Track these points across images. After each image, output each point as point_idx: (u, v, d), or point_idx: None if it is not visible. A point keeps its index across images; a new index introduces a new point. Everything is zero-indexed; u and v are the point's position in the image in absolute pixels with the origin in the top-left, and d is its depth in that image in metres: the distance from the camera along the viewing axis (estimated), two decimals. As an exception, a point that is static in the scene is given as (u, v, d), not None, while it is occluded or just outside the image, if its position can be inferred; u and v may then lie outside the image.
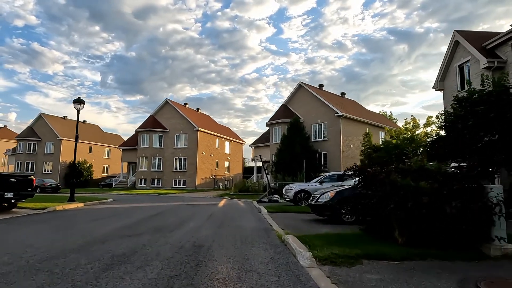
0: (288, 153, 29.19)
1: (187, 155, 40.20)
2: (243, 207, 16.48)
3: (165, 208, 14.45)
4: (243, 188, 29.68)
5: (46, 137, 49.61)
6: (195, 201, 20.79)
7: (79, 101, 16.04)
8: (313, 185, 16.67)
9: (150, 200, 20.54)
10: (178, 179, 40.24)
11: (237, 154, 50.75)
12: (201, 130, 40.39)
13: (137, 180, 41.01)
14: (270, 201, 19.72)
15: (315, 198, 10.42)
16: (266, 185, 33.98)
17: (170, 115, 41.95)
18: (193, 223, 9.25)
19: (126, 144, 45.49)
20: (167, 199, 22.37)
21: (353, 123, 31.45)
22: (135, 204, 17.00)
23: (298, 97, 34.27)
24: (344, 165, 29.86)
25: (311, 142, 30.70)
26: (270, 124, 34.62)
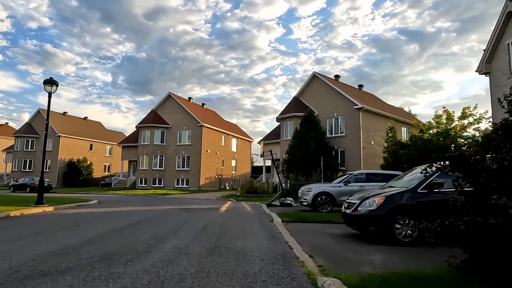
0: (301, 150, 26.04)
1: (190, 152, 37.29)
2: (250, 213, 13.38)
3: (151, 214, 11.44)
4: (251, 189, 26.60)
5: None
6: (194, 204, 17.78)
7: (51, 82, 13.11)
8: (336, 186, 13.52)
9: (142, 203, 17.59)
10: (180, 179, 37.35)
11: (244, 153, 47.71)
12: (206, 126, 37.45)
13: (138, 179, 38.25)
14: (282, 204, 16.61)
15: (351, 205, 7.28)
16: (276, 186, 30.83)
17: (172, 110, 39.10)
18: (173, 243, 6.19)
19: (126, 141, 42.80)
20: (162, 201, 19.42)
21: (373, 117, 28.15)
22: (119, 208, 14.04)
23: (312, 89, 31.07)
24: (364, 163, 26.61)
25: (326, 138, 27.47)
26: (281, 119, 31.48)
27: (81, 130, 50.92)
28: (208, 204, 18.01)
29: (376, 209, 6.58)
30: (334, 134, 28.29)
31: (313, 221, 9.81)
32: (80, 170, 46.00)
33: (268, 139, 34.77)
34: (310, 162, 25.38)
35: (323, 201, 13.28)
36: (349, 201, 7.55)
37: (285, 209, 14.97)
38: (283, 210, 14.16)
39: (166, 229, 7.90)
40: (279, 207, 15.85)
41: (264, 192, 26.76)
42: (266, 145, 35.10)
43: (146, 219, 10.06)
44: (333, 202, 13.29)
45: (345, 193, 13.34)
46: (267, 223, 9.80)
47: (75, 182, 45.22)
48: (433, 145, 20.73)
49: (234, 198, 23.14)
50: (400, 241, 6.39)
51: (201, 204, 17.88)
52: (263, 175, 34.88)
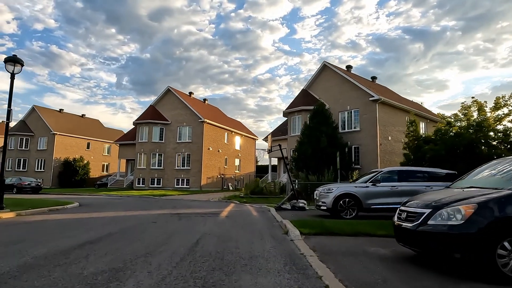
0: (312, 146, 23.55)
1: (191, 150, 34.91)
2: (257, 219, 10.92)
3: (131, 223, 9.04)
4: (256, 190, 24.16)
5: (39, 132, 45.13)
6: (191, 207, 15.37)
7: (14, 60, 10.70)
8: (361, 187, 11.04)
9: (130, 206, 15.19)
10: (180, 179, 34.98)
11: (249, 151, 45.27)
12: (207, 122, 35.05)
13: (135, 179, 35.94)
14: (294, 208, 14.17)
15: (413, 216, 4.80)
16: (284, 186, 28.34)
17: (172, 105, 36.74)
18: (136, 281, 3.74)
19: (124, 138, 40.54)
20: (155, 203, 17.02)
21: (391, 110, 25.60)
22: (98, 214, 11.64)
23: (322, 80, 28.56)
24: (382, 161, 24.07)
25: (339, 133, 24.95)
26: (288, 113, 29.00)
27: (78, 128, 48.76)
28: (207, 207, 15.58)
29: (463, 224, 4.10)
30: (347, 129, 25.77)
31: (343, 234, 7.33)
32: (76, 170, 43.81)
33: (274, 136, 32.27)
34: (321, 160, 22.89)
35: (347, 205, 10.80)
36: (408, 209, 5.06)
37: (297, 213, 12.52)
38: (296, 215, 11.70)
39: (137, 250, 5.46)
40: (291, 211, 13.40)
41: (271, 193, 24.31)
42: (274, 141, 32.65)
43: (120, 231, 7.64)
44: (358, 206, 10.82)
45: (373, 195, 10.90)
46: (280, 236, 7.35)
47: (70, 182, 43.03)
48: (463, 139, 18.23)
49: (238, 200, 20.71)
50: (507, 277, 3.91)
51: (199, 207, 15.46)
52: (269, 175, 32.43)
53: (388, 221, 9.32)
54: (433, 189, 10.87)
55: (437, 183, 10.91)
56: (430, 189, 10.92)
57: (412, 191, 10.96)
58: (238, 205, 17.85)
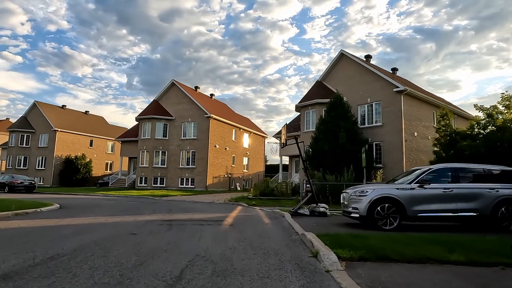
0: (328, 143, 21.09)
1: (196, 148, 32.67)
2: (270, 230, 8.54)
3: (107, 234, 6.77)
4: (266, 190, 21.76)
5: (40, 128, 43.43)
6: (190, 211, 13.06)
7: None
8: (405, 189, 8.57)
9: (117, 209, 12.93)
10: (185, 178, 32.77)
11: (258, 149, 42.89)
12: (213, 118, 32.77)
13: (137, 178, 33.85)
14: (313, 213, 11.76)
15: None
16: (296, 187, 25.87)
17: (177, 100, 34.55)
18: None
19: (126, 135, 38.52)
20: (149, 206, 14.73)
21: (416, 103, 22.98)
22: (72, 220, 9.39)
23: (339, 71, 26.05)
24: (407, 159, 21.47)
25: (359, 128, 22.42)
26: (301, 107, 26.54)
27: (81, 125, 47.00)
28: (210, 211, 13.26)
29: None
30: (367, 124, 23.21)
31: (402, 260, 4.89)
32: (77, 168, 41.94)
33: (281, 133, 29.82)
34: (340, 158, 20.42)
35: (386, 211, 8.34)
36: None
37: (319, 221, 10.12)
38: (319, 223, 9.32)
39: None
40: (310, 218, 11.00)
41: (283, 194, 21.88)
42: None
43: (77, 249, 5.34)
44: (401, 213, 8.36)
45: (421, 200, 8.45)
46: (308, 261, 4.96)
47: (72, 181, 41.19)
48: (509, 135, 15.64)
49: (246, 202, 18.35)
50: None
51: (200, 211, 13.14)
52: (280, 174, 30.00)
53: (447, 236, 6.86)
54: (500, 192, 8.38)
55: (506, 185, 8.42)
56: (495, 191, 8.41)
57: (472, 194, 8.45)
58: (246, 208, 15.49)
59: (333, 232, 7.30)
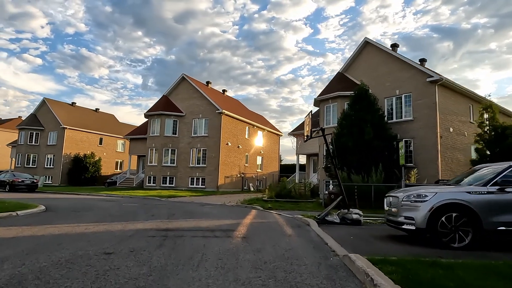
0: (352, 139, 18.85)
1: (207, 146, 30.79)
2: (296, 246, 6.45)
3: (77, 252, 4.83)
4: (283, 192, 19.65)
5: (49, 126, 42.39)
6: (196, 216, 11.07)
7: None
8: (479, 193, 6.33)
9: (111, 214, 11.01)
10: (195, 177, 30.93)
11: (272, 148, 40.77)
12: (226, 114, 30.83)
13: (146, 177, 32.20)
14: (345, 221, 9.62)
15: None
16: (315, 187, 23.77)
17: (187, 95, 32.76)
18: None
19: (135, 132, 36.98)
20: (151, 209, 12.80)
21: (451, 95, 20.50)
22: (48, 228, 7.50)
23: (363, 61, 23.72)
24: (442, 157, 19.03)
25: (387, 123, 20.08)
26: (321, 101, 24.30)
27: (90, 123, 45.81)
28: (219, 216, 11.24)
29: None
30: (396, 119, 20.83)
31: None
32: (86, 167, 40.67)
33: (301, 129, 27.64)
34: (366, 155, 18.17)
35: (454, 223, 6.15)
36: None
37: (355, 232, 7.99)
38: (356, 235, 7.19)
39: None
40: (340, 227, 8.88)
41: (301, 196, 19.73)
42: (298, 136, 28.04)
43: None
44: (475, 226, 6.15)
45: (504, 208, 6.20)
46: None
47: (80, 180, 39.93)
48: None
49: (261, 205, 16.28)
50: None
51: (207, 216, 11.14)
52: (296, 174, 27.82)
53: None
54: None
55: None
56: None
57: None
58: (262, 212, 13.43)
59: (385, 251, 5.18)
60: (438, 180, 15.58)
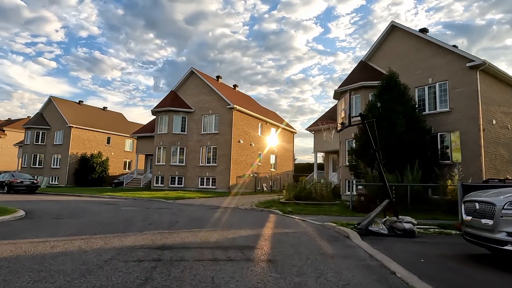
0: (382, 132, 16.53)
1: (218, 143, 28.85)
2: (347, 276, 4.32)
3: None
4: (302, 193, 17.53)
5: (56, 125, 41.12)
6: (203, 225, 9.06)
7: None
8: None
9: (106, 221, 9.04)
10: (205, 177, 29.03)
11: (286, 146, 38.64)
12: (237, 109, 28.86)
13: (153, 177, 30.45)
14: (394, 232, 7.49)
15: None
16: (336, 188, 21.58)
17: (196, 90, 30.90)
18: None
19: (142, 130, 35.35)
20: (152, 215, 10.83)
21: (493, 82, 18.08)
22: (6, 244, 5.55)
23: (389, 47, 21.45)
24: (486, 153, 16.64)
25: (420, 115, 17.79)
26: (342, 93, 22.05)
27: (98, 121, 44.43)
28: (232, 224, 9.21)
29: None
30: (429, 111, 18.50)
31: None
32: (93, 167, 39.21)
33: (317, 124, 25.44)
34: (398, 151, 15.93)
35: None
36: None
37: (416, 249, 5.86)
38: (423, 255, 5.07)
39: None
40: (391, 240, 6.75)
41: (323, 197, 17.54)
42: (316, 132, 25.86)
43: None
44: None
45: None
46: None
47: (87, 180, 38.49)
48: None
49: (279, 208, 14.19)
50: None
51: (218, 224, 9.12)
52: (314, 173, 25.65)
53: None
54: None
55: None
56: None
57: None
58: (283, 218, 11.35)
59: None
60: (488, 179, 13.26)
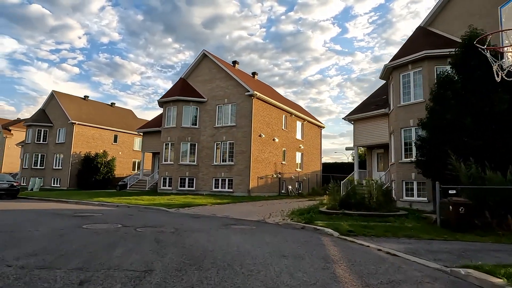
0: (471, 112, 11.60)
1: (235, 138, 24.20)
2: None
3: None
4: (353, 199, 12.53)
5: (58, 122, 37.49)
6: (208, 275, 4.26)
7: None
8: None
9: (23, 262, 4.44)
10: (220, 178, 24.40)
11: (313, 142, 33.65)
12: (258, 97, 24.16)
13: (160, 179, 26.07)
14: None
15: None
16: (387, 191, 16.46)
17: (209, 76, 26.39)
18: None
19: (149, 125, 31.15)
20: (116, 246, 6.18)
21: None
22: None
23: (458, 6, 16.27)
24: None
25: (519, 89, 12.53)
26: (395, 68, 17.01)
27: (104, 118, 40.63)
28: (264, 273, 4.43)
29: None
30: (527, 84, 13.18)
31: None
32: (97, 167, 35.25)
33: (359, 112, 20.35)
34: (499, 138, 10.87)
35: None
36: None
37: None
38: None
39: None
40: None
41: (380, 204, 12.51)
42: (357, 122, 20.82)
43: None
44: None
45: None
46: None
47: (90, 182, 34.59)
48: None
49: (327, 222, 9.30)
50: None
51: (231, 265, 4.36)
52: (355, 173, 20.55)
53: None
54: None
55: None
56: None
57: None
58: (346, 246, 6.49)
59: None
60: None
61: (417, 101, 15.67)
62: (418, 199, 15.19)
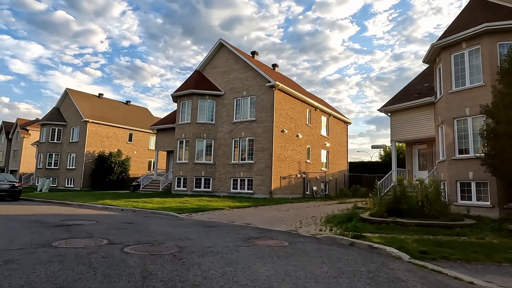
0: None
1: (255, 134, 21.96)
2: None
3: None
4: (405, 205, 10.06)
5: (72, 120, 36.31)
6: None
7: None
8: None
9: None
10: (239, 178, 22.21)
11: (339, 140, 31.01)
12: (280, 88, 21.84)
13: (174, 179, 24.13)
14: None
15: None
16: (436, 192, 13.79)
17: (226, 68, 24.24)
18: None
19: (163, 122, 29.32)
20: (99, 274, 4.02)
21: None
22: None
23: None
24: None
25: None
26: (444, 48, 14.32)
27: (119, 116, 39.25)
28: None
29: None
30: None
31: None
32: (111, 167, 33.78)
33: (398, 102, 17.68)
34: None
35: None
36: None
37: None
38: None
39: None
40: None
41: (439, 211, 9.97)
42: (395, 113, 18.17)
43: None
44: None
45: None
46: None
47: (104, 182, 33.16)
48: None
49: (376, 234, 6.88)
50: None
51: None
52: (393, 172, 17.90)
53: None
54: None
55: None
56: None
57: None
58: (437, 284, 4.10)
59: None
60: None
61: (475, 85, 13.00)
62: (478, 203, 12.51)
